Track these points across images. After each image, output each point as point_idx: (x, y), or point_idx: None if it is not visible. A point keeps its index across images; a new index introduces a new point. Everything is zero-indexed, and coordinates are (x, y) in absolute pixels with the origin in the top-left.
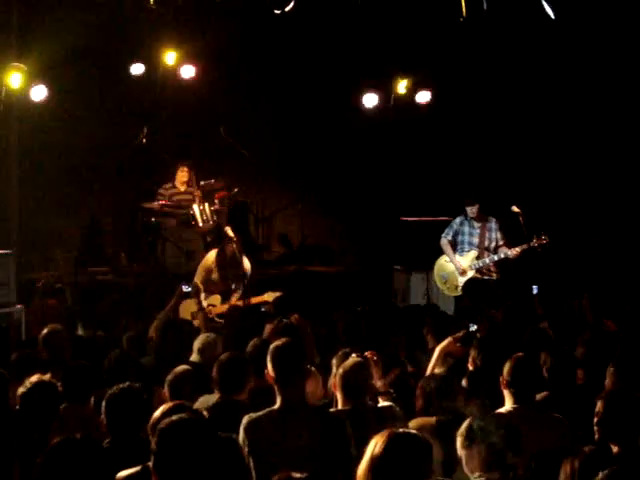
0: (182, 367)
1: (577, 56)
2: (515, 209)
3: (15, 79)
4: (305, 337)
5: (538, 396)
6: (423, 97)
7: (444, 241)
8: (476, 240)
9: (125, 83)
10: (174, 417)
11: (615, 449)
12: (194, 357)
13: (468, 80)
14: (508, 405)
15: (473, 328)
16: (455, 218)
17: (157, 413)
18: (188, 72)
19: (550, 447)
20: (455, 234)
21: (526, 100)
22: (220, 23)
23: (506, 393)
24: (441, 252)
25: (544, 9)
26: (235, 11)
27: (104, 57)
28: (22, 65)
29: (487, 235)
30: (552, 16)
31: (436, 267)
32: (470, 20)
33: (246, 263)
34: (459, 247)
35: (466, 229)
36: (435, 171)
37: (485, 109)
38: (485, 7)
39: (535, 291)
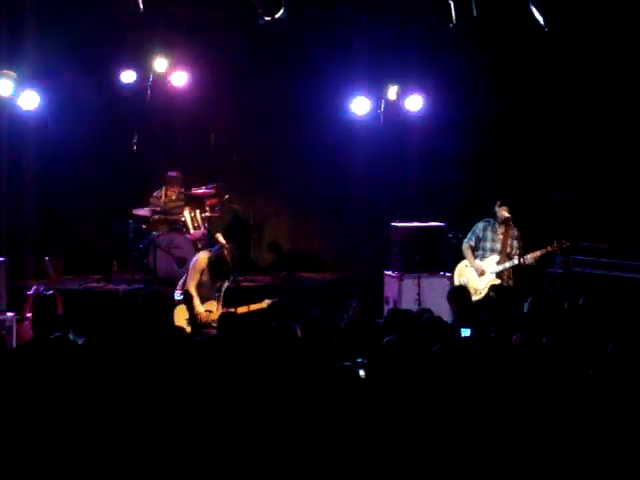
0: None
1: (569, 61)
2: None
3: (5, 86)
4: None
5: None
6: (413, 103)
7: (466, 245)
8: (498, 246)
9: (116, 90)
10: None
11: None
12: None
13: (459, 86)
14: None
15: (467, 333)
16: (477, 223)
17: None
18: (179, 79)
19: None
20: (477, 239)
21: (516, 104)
22: (211, 30)
23: None
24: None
25: (533, 15)
26: (226, 18)
27: (95, 64)
28: (12, 72)
29: (509, 242)
30: (542, 22)
31: (456, 273)
32: (460, 26)
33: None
34: (480, 252)
35: (489, 234)
36: (425, 177)
37: (476, 115)
38: (475, 14)
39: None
